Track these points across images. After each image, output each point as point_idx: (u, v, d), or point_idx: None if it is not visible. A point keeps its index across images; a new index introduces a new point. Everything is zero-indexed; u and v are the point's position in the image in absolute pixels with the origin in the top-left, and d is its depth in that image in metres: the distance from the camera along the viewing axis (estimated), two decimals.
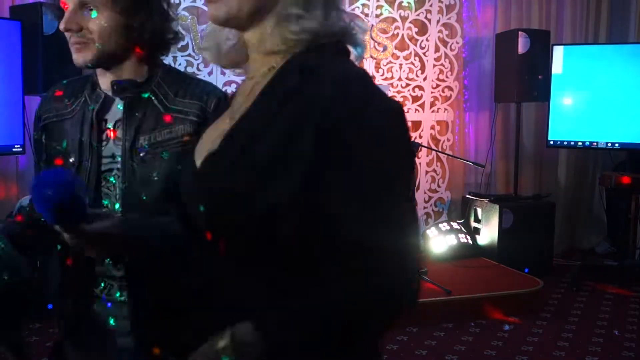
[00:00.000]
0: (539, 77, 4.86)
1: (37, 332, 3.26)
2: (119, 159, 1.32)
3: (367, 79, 0.89)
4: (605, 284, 4.62)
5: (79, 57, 1.30)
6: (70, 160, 1.34)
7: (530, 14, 5.42)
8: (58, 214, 1.06)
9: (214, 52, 1.03)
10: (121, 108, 1.33)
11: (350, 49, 0.96)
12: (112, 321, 1.35)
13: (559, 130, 4.92)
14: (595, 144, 4.84)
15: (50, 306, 1.35)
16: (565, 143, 4.96)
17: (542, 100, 4.97)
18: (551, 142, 4.98)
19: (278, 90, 0.90)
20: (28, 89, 3.67)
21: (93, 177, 1.32)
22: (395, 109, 0.88)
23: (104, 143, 1.34)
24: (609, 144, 4.79)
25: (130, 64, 1.34)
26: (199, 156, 0.98)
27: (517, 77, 4.81)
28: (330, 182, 0.82)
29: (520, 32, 4.82)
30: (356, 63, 0.96)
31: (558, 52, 4.91)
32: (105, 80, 1.35)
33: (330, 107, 0.82)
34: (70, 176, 1.11)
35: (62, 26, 1.27)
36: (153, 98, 1.33)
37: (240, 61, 1.02)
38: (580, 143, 4.90)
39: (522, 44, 4.79)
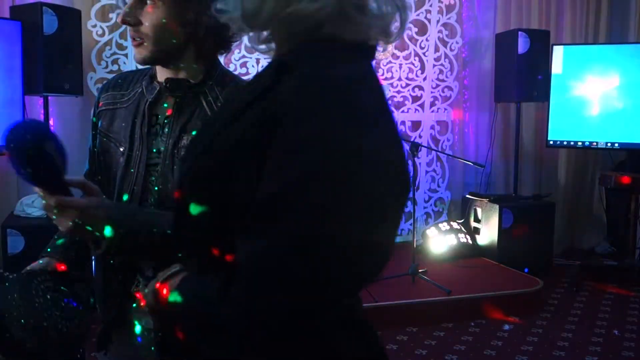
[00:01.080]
0: (539, 77, 4.87)
1: None
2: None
3: (341, 86, 0.81)
4: (605, 284, 4.62)
5: (137, 54, 1.31)
6: (121, 150, 1.36)
7: (530, 14, 5.43)
8: (19, 158, 1.07)
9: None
10: (169, 105, 1.35)
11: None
12: (142, 322, 1.35)
13: (558, 130, 4.92)
14: (595, 144, 4.84)
15: None
16: (565, 143, 4.96)
17: (542, 100, 4.98)
18: (551, 142, 4.98)
19: (255, 85, 0.89)
20: (28, 89, 3.67)
21: (142, 168, 1.33)
22: (361, 121, 0.79)
23: (153, 137, 1.35)
24: (609, 144, 4.79)
25: (188, 62, 1.34)
26: None
27: (517, 77, 4.81)
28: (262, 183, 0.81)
29: (520, 32, 4.83)
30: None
31: (558, 52, 4.91)
32: (162, 75, 1.36)
33: (283, 111, 0.79)
34: (43, 127, 1.11)
35: (119, 19, 1.28)
36: (202, 100, 1.33)
37: None
38: (580, 143, 4.90)
39: (522, 44, 4.80)
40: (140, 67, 1.42)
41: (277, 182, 0.77)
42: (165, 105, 1.36)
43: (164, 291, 0.92)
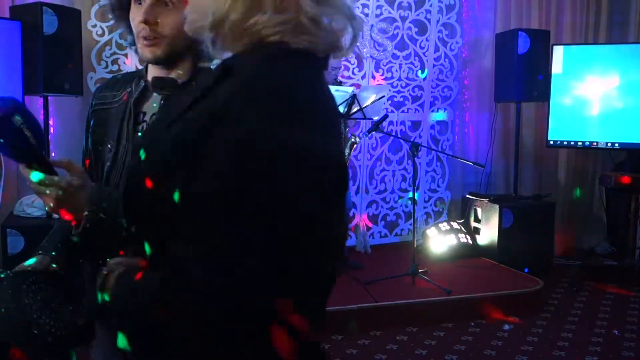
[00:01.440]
0: (539, 77, 4.87)
1: None
2: None
3: (279, 88, 0.82)
4: (605, 284, 4.62)
5: (149, 52, 1.34)
6: (109, 146, 1.39)
7: (530, 14, 5.43)
8: None
9: None
10: (156, 104, 1.38)
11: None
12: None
13: (559, 130, 4.92)
14: (595, 144, 4.84)
15: None
16: (565, 143, 4.96)
17: (542, 100, 4.98)
18: (551, 142, 4.98)
19: (201, 85, 0.92)
20: (28, 89, 3.67)
21: (127, 163, 1.36)
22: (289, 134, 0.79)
23: (139, 134, 1.38)
24: (609, 144, 4.79)
25: (184, 63, 1.38)
26: None
27: (517, 77, 4.81)
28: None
29: (520, 32, 4.83)
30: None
31: (558, 52, 4.91)
32: (152, 74, 1.40)
33: (221, 112, 0.81)
34: (10, 101, 1.11)
35: (140, 17, 1.31)
36: None
37: None
38: (580, 143, 4.90)
39: (522, 44, 4.79)
40: (140, 67, 1.43)
41: (216, 182, 0.78)
42: (152, 103, 1.39)
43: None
